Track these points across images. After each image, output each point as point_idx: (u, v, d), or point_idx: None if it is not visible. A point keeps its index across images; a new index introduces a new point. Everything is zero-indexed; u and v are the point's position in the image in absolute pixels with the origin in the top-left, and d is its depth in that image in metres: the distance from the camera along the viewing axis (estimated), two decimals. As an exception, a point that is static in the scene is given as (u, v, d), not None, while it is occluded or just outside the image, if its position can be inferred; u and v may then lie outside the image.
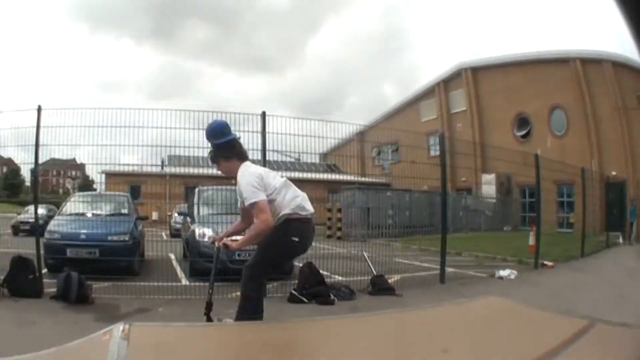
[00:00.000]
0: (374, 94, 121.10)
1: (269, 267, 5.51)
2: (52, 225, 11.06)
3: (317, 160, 17.82)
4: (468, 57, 67.25)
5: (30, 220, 16.83)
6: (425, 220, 23.17)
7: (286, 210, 4.99)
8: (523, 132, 34.91)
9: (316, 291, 8.73)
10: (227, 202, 11.16)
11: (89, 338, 1.63)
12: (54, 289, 8.75)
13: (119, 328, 1.58)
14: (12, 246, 10.44)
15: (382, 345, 1.67)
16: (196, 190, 12.83)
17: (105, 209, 12.46)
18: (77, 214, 12.03)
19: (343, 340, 1.70)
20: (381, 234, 21.87)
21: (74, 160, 18.49)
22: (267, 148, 9.54)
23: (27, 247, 10.12)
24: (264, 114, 9.49)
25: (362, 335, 1.78)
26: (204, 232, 10.72)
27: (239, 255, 9.29)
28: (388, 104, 50.63)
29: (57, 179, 70.65)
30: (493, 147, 26.47)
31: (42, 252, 9.64)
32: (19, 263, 9.00)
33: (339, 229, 22.87)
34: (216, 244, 5.45)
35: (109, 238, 10.86)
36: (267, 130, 9.54)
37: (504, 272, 11.67)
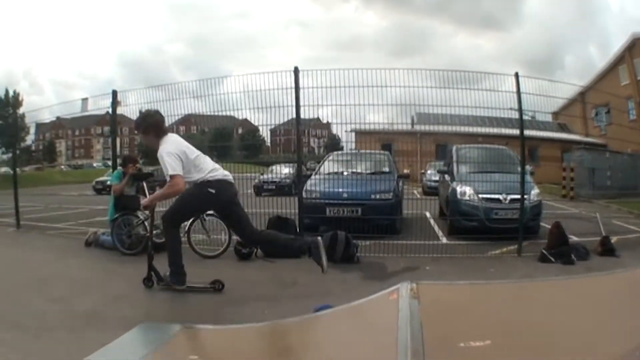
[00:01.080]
0: (588, 53, 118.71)
1: (178, 215, 7.34)
2: (309, 185, 12.05)
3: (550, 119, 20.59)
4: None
5: (275, 180, 18.31)
6: (630, 183, 24.59)
7: (205, 176, 6.85)
8: None
9: (560, 251, 9.49)
10: (485, 160, 12.66)
11: (375, 297, 1.80)
12: None
13: (406, 287, 1.72)
14: (258, 206, 11.25)
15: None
16: (453, 148, 13.82)
17: (366, 168, 13.30)
18: (336, 173, 12.94)
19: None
20: (602, 195, 22.86)
21: (317, 119, 19.41)
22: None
23: (271, 206, 11.21)
24: (517, 75, 10.30)
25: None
26: (465, 191, 11.69)
27: (496, 213, 10.93)
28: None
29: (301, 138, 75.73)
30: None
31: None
32: (278, 223, 10.15)
33: (572, 188, 24.27)
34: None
35: (372, 196, 11.79)
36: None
37: None
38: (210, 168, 6.95)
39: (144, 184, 10.69)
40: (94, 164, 76.86)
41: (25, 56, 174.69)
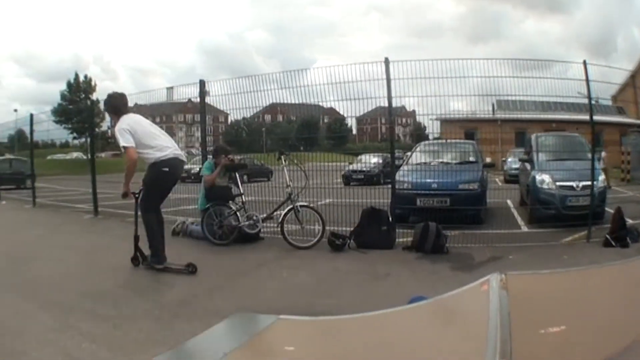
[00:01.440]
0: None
1: (152, 198, 8.18)
2: (400, 175, 12.30)
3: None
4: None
5: (364, 169, 18.56)
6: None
7: (159, 154, 7.85)
8: None
9: (619, 235, 10.02)
10: (561, 147, 13.33)
11: (467, 288, 1.88)
12: (401, 239, 10.10)
13: (496, 278, 1.78)
14: (348, 196, 11.49)
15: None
16: (533, 137, 14.29)
17: (453, 158, 13.91)
18: (425, 163, 13.41)
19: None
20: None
21: (403, 107, 19.56)
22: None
23: (361, 197, 11.31)
24: (585, 63, 10.75)
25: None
26: (544, 179, 12.09)
27: (570, 200, 11.49)
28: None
29: (386, 126, 75.89)
30: None
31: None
32: (371, 214, 10.27)
33: (628, 172, 25.28)
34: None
35: (460, 187, 12.30)
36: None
37: None
38: (162, 146, 7.94)
39: (236, 175, 11.03)
40: None
41: (94, 41, 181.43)
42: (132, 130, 7.76)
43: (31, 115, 19.86)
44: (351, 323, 1.97)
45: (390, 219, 10.45)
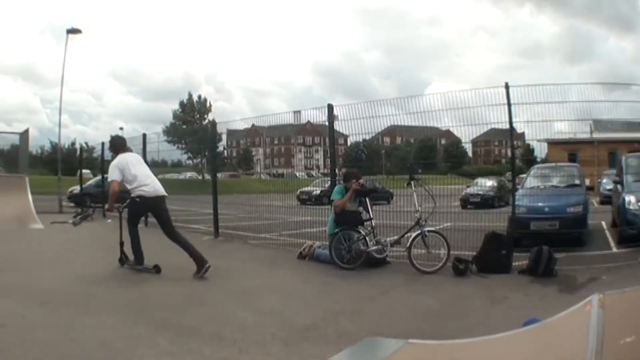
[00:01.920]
0: None
1: (131, 217, 10.41)
2: (516, 200, 12.37)
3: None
4: None
5: (480, 192, 18.78)
6: None
7: (136, 189, 10.15)
8: None
9: None
10: None
11: (573, 309, 2.02)
12: (516, 263, 10.21)
13: (596, 298, 1.90)
14: (464, 220, 11.77)
15: None
16: (622, 158, 14.34)
17: (561, 181, 14.51)
18: (537, 187, 14.18)
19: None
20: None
21: (514, 129, 19.84)
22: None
23: (475, 220, 11.78)
24: None
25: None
26: (630, 200, 12.15)
27: None
28: None
29: (499, 148, 75.02)
30: None
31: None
32: (493, 239, 10.38)
33: None
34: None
35: (568, 210, 12.58)
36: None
37: None
38: (142, 184, 10.19)
39: (367, 199, 11.17)
40: (297, 174, 78.80)
41: (206, 61, 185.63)
42: (120, 167, 10.22)
43: (144, 135, 20.65)
44: (474, 346, 2.14)
45: (509, 243, 10.52)
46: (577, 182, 14.28)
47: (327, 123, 13.01)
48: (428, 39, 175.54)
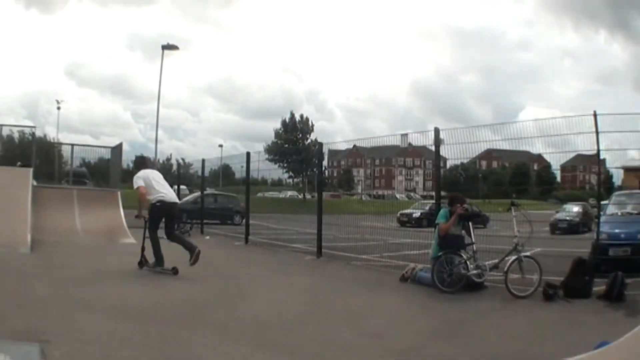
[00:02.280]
0: None
1: (152, 224, 11.76)
2: (600, 226, 12.55)
3: None
4: None
5: (568, 218, 18.87)
6: None
7: (155, 197, 11.70)
8: None
9: None
10: None
11: (632, 334, 2.21)
12: (595, 288, 10.38)
13: None
14: (552, 245, 11.91)
15: None
16: None
17: (635, 207, 14.57)
18: (617, 214, 14.33)
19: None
20: None
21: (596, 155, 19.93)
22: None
23: (559, 245, 11.36)
24: None
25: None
26: None
27: None
28: None
29: (583, 174, 73.79)
30: None
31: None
32: (579, 265, 10.56)
33: None
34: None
35: (638, 236, 12.68)
36: None
37: None
38: (160, 193, 11.83)
39: (470, 224, 11.42)
40: (397, 195, 78.86)
41: (307, 80, 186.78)
42: (143, 177, 11.90)
43: (248, 154, 21.07)
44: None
45: (592, 269, 10.70)
46: None
47: (430, 146, 13.38)
48: (521, 64, 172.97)
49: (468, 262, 10.71)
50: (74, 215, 18.53)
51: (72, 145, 26.71)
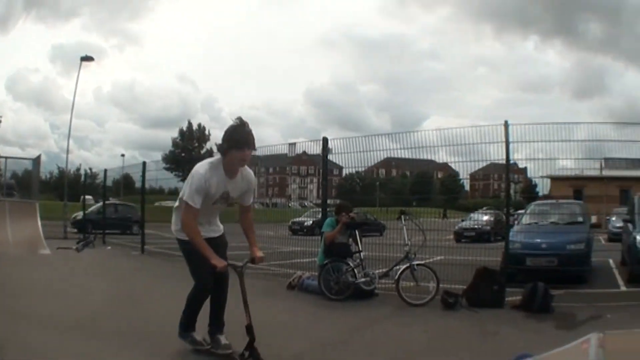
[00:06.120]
0: None
1: None
2: (512, 235, 12.37)
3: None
4: None
5: (475, 227, 18.91)
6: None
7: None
8: None
9: None
10: None
11: (570, 346, 2.00)
12: (510, 298, 10.17)
13: (595, 337, 1.88)
14: (457, 254, 11.80)
15: None
16: (635, 197, 14.49)
17: (562, 218, 14.41)
18: (536, 223, 14.28)
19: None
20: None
21: (515, 164, 19.94)
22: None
23: (469, 254, 11.76)
24: None
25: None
26: None
27: None
28: None
29: (499, 183, 76.07)
30: None
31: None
32: (484, 274, 10.41)
33: None
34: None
35: (568, 247, 12.61)
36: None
37: None
38: None
39: (357, 232, 11.24)
40: (290, 204, 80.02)
41: (203, 89, 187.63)
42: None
43: (144, 163, 21.00)
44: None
45: (502, 279, 10.55)
46: (579, 219, 14.39)
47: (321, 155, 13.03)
48: (428, 73, 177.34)
49: (356, 270, 10.66)
50: (6, 227, 18.26)
51: (6, 158, 26.78)
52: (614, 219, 21.76)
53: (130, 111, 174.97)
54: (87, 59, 32.18)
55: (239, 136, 6.05)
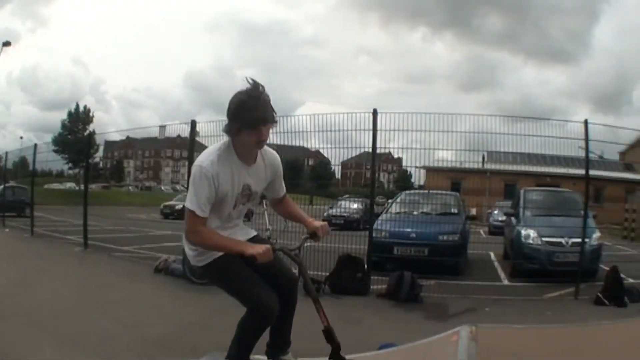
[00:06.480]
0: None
1: None
2: (379, 223, 12.64)
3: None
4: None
5: (344, 214, 19.13)
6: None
7: None
8: None
9: (614, 294, 9.97)
10: (550, 204, 13.62)
11: (436, 338, 2.08)
12: (376, 286, 10.36)
13: (466, 329, 1.93)
14: (326, 241, 12.09)
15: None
16: (521, 191, 14.66)
17: (435, 208, 14.24)
18: (405, 213, 14.04)
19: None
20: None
21: (389, 154, 20.16)
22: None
23: (337, 241, 11.47)
24: (586, 122, 11.06)
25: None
26: (529, 234, 12.33)
27: (557, 257, 11.68)
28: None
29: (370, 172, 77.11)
30: None
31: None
32: (347, 261, 10.64)
33: (633, 230, 25.33)
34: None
35: (440, 238, 12.66)
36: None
37: None
38: None
39: None
40: (162, 187, 78.89)
41: (92, 71, 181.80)
42: None
43: (35, 145, 20.77)
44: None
45: (365, 266, 10.72)
46: (453, 210, 14.50)
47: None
48: (307, 60, 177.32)
49: None
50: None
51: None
52: (495, 212, 22.20)
53: (31, 94, 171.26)
54: (6, 44, 33.30)
55: (249, 113, 3.99)
